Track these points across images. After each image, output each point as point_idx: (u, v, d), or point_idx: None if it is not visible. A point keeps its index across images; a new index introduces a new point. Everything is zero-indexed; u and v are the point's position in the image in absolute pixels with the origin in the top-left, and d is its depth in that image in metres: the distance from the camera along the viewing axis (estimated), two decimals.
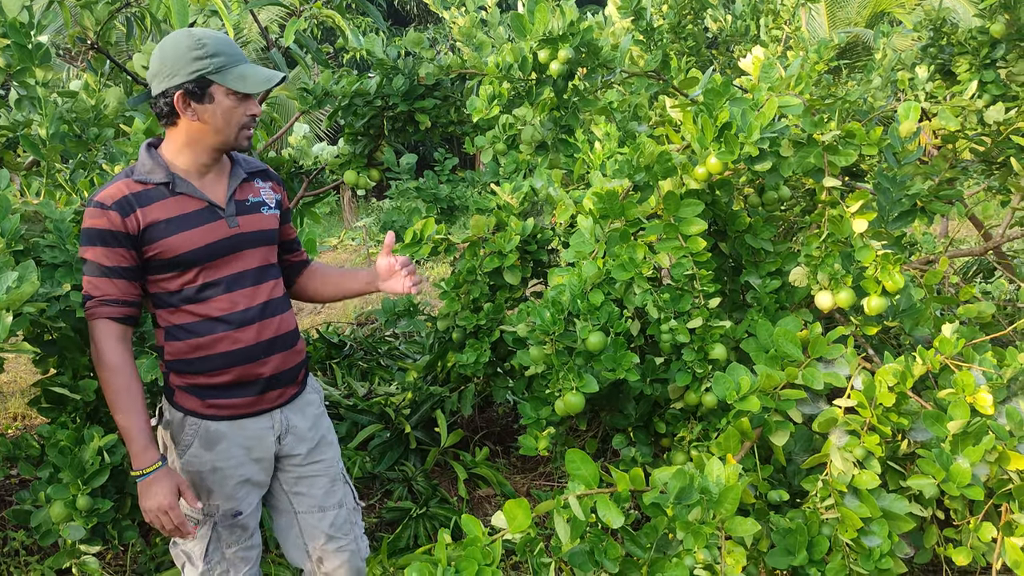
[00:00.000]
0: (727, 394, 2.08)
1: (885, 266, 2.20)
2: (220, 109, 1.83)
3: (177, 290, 1.87)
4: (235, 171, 1.97)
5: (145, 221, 1.81)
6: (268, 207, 2.01)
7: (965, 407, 1.90)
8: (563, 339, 2.28)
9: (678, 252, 2.34)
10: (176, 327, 1.89)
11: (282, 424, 2.03)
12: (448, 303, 2.80)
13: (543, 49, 2.16)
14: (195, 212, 1.87)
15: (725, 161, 2.06)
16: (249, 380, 1.93)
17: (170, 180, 1.85)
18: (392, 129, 3.44)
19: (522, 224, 2.77)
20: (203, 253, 1.86)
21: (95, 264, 1.81)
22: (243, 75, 1.84)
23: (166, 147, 1.91)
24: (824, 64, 2.70)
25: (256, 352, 1.93)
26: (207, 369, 1.90)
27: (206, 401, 1.92)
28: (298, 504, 2.12)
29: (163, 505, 1.79)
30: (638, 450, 2.63)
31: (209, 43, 1.82)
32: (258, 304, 1.94)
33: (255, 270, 1.95)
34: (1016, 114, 3.02)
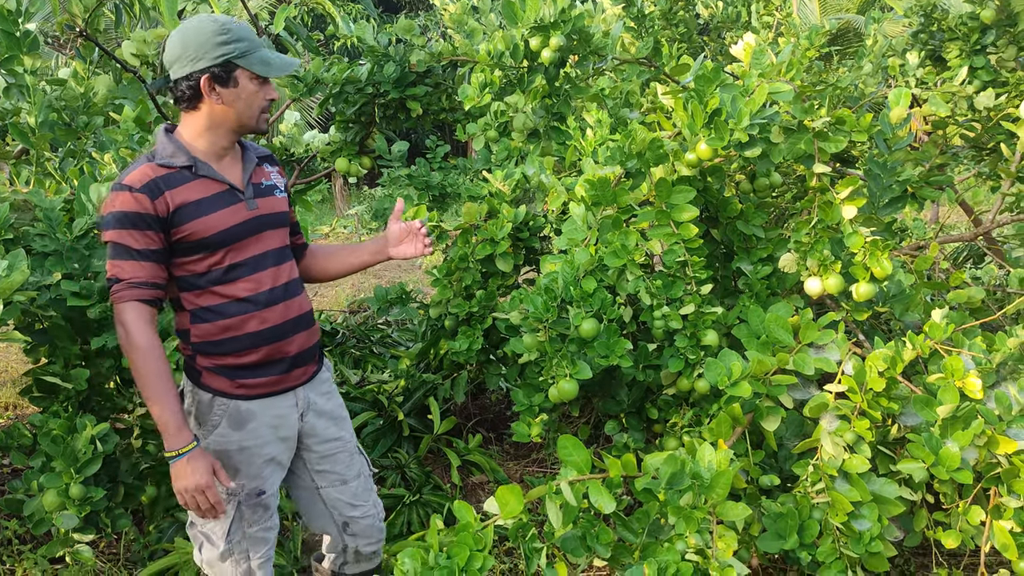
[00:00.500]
0: (718, 380, 2.09)
1: (874, 252, 2.21)
2: (244, 93, 1.86)
3: (204, 272, 1.90)
4: (247, 155, 2.00)
5: (174, 203, 1.83)
6: (279, 190, 2.05)
7: (954, 392, 1.91)
8: (556, 326, 2.29)
9: (670, 238, 2.35)
10: (203, 309, 1.92)
11: (304, 402, 2.08)
12: (440, 290, 2.80)
13: (535, 36, 2.16)
14: (218, 194, 1.90)
15: (715, 147, 2.06)
16: (277, 359, 1.98)
17: (192, 163, 1.88)
18: (383, 116, 3.43)
19: (514, 211, 2.77)
20: (229, 234, 1.89)
21: (123, 247, 1.81)
22: (266, 60, 1.88)
23: (184, 131, 1.92)
24: (815, 51, 2.70)
25: (283, 331, 1.98)
26: (236, 349, 1.93)
27: (235, 381, 1.95)
28: (321, 480, 2.18)
29: (200, 484, 1.81)
30: (630, 436, 2.64)
31: (233, 28, 1.86)
32: (281, 284, 1.99)
33: (276, 251, 2.00)
34: (1006, 100, 3.03)
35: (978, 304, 2.75)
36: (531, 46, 2.17)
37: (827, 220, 2.28)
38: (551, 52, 2.15)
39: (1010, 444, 1.91)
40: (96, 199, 2.21)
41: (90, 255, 2.21)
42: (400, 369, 3.24)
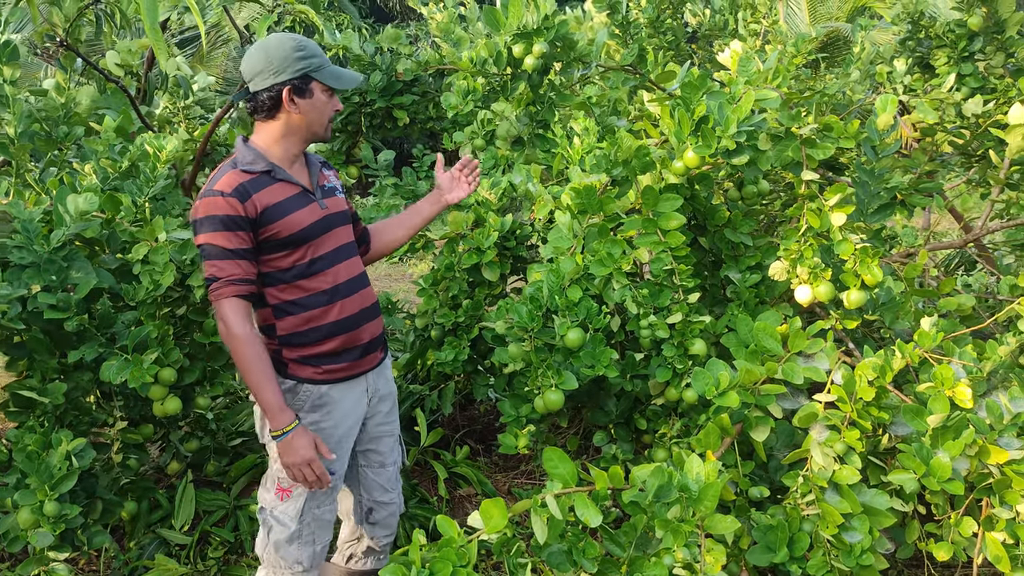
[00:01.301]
0: (706, 390, 2.06)
1: (864, 259, 2.19)
2: (318, 103, 2.06)
3: (289, 267, 2.04)
4: (311, 160, 2.17)
5: (261, 205, 1.98)
6: (339, 191, 2.22)
7: (945, 401, 1.89)
8: (541, 336, 2.26)
9: (657, 247, 2.32)
10: (288, 303, 2.06)
11: (373, 387, 2.24)
12: (426, 300, 2.77)
13: (517, 44, 2.14)
14: (295, 196, 2.05)
15: (702, 155, 2.04)
16: (354, 346, 2.13)
17: (271, 168, 2.03)
18: (370, 125, 3.40)
19: (501, 220, 2.74)
20: (309, 232, 2.04)
21: (218, 248, 1.95)
22: (337, 74, 2.07)
23: (259, 139, 2.08)
24: (802, 57, 2.68)
25: (357, 320, 2.13)
26: (318, 339, 2.08)
27: (320, 368, 2.09)
28: (363, 460, 2.33)
29: (307, 458, 1.96)
30: (619, 447, 2.61)
31: (308, 45, 2.05)
32: (355, 276, 2.15)
33: (347, 246, 2.16)
34: (995, 107, 3.01)
35: (969, 311, 2.73)
36: (514, 53, 2.16)
37: (816, 227, 2.25)
38: (534, 59, 2.13)
39: (1001, 454, 1.89)
40: (74, 210, 2.17)
41: (68, 267, 2.17)
42: None
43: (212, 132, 3.09)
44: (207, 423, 2.89)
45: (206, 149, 3.25)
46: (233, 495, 2.88)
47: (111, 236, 2.42)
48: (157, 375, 2.24)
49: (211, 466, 2.91)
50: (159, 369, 2.24)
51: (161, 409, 2.35)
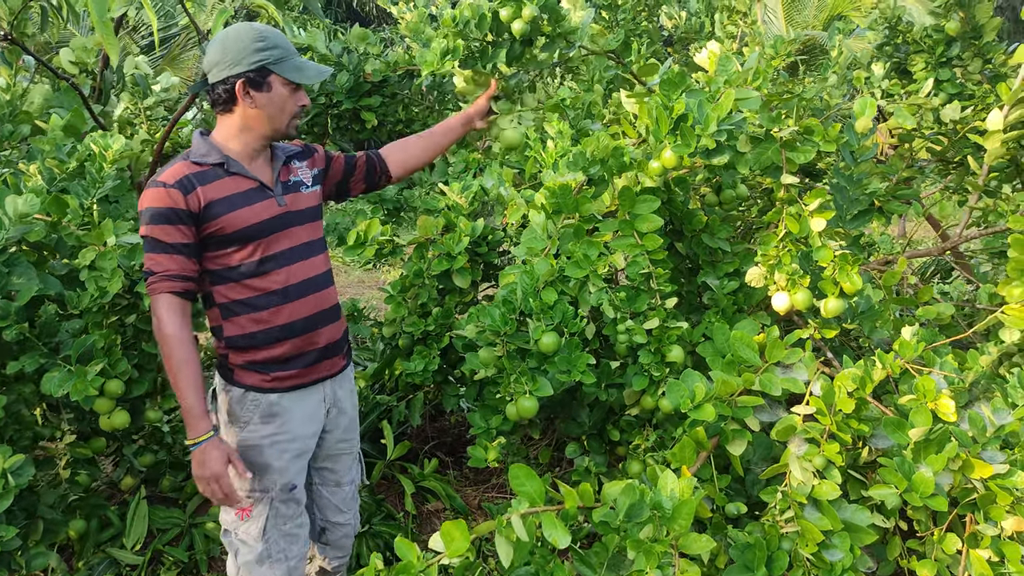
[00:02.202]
0: (681, 402, 1.97)
1: (843, 267, 2.12)
2: (276, 97, 1.94)
3: (236, 265, 1.95)
4: (276, 155, 2.07)
5: (205, 199, 1.89)
6: (306, 186, 2.11)
7: (927, 413, 1.81)
8: (514, 340, 2.17)
9: (634, 250, 2.24)
10: (236, 303, 1.96)
11: (331, 397, 2.13)
12: (394, 308, 2.67)
13: (506, 6, 2.05)
14: (249, 191, 1.96)
15: (681, 154, 1.96)
16: (307, 351, 2.03)
17: (224, 161, 1.94)
18: (336, 128, 3.30)
19: (472, 225, 2.65)
20: (259, 229, 1.95)
21: (157, 241, 1.88)
22: (299, 67, 1.96)
23: (218, 133, 1.99)
24: (781, 60, 2.62)
25: (312, 323, 2.03)
26: (267, 342, 1.98)
27: (268, 375, 1.99)
28: (318, 478, 2.24)
29: (215, 473, 1.86)
30: (592, 459, 2.52)
31: (269, 36, 1.94)
32: (311, 277, 2.04)
33: (304, 245, 2.05)
34: (972, 113, 2.97)
35: (947, 320, 2.67)
36: (501, 17, 2.07)
37: (795, 233, 2.18)
38: (523, 24, 2.05)
39: (986, 468, 1.82)
40: (13, 213, 2.05)
41: (9, 272, 2.05)
42: None
43: (170, 131, 2.97)
44: (163, 436, 2.76)
45: (163, 150, 3.13)
46: (189, 512, 2.75)
47: (59, 240, 2.29)
48: (103, 387, 2.12)
49: (166, 481, 2.78)
50: (105, 381, 2.12)
51: (108, 423, 2.23)
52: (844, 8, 11.01)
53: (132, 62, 3.43)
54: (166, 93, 3.81)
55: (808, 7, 11.49)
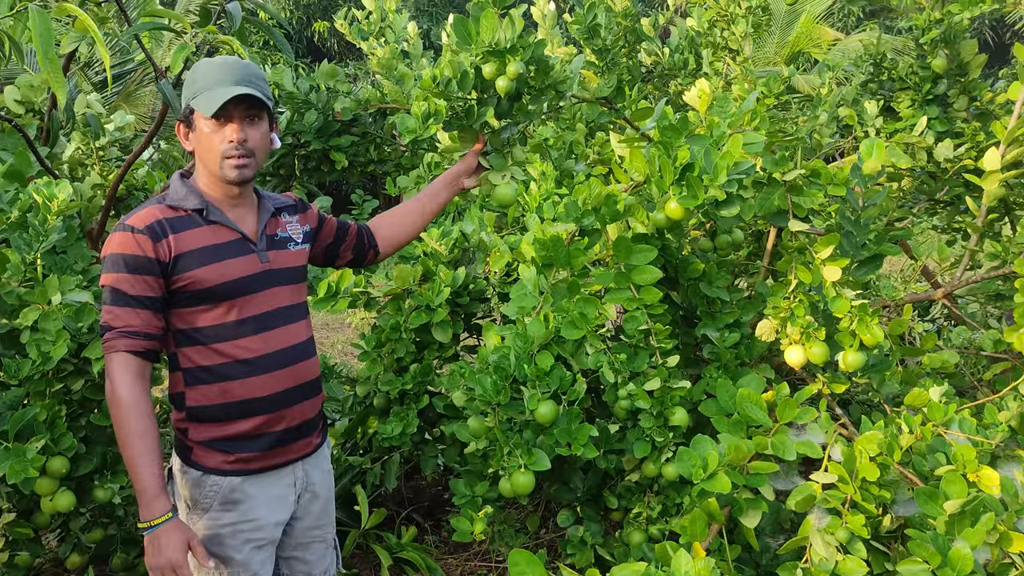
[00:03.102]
0: (692, 472, 1.80)
1: (863, 318, 1.98)
2: (201, 136, 1.73)
3: (206, 326, 1.73)
4: (263, 205, 1.87)
5: (177, 248, 1.69)
6: (295, 243, 1.91)
7: (963, 484, 1.67)
8: (508, 410, 1.98)
9: (631, 304, 2.08)
10: (202, 369, 1.74)
11: (303, 480, 1.90)
12: (368, 365, 2.47)
13: (489, 63, 1.88)
14: (229, 243, 1.76)
15: (688, 206, 1.80)
16: (277, 429, 1.80)
17: (204, 207, 1.75)
18: (304, 169, 3.11)
19: (452, 274, 2.47)
20: (235, 287, 1.74)
21: (118, 292, 1.67)
22: (209, 96, 1.69)
23: (195, 177, 1.81)
24: (773, 99, 2.51)
25: (287, 397, 1.81)
26: (233, 416, 1.76)
27: (232, 455, 1.77)
28: (287, 568, 1.99)
29: (173, 562, 1.62)
30: (587, 528, 2.33)
31: (200, 67, 1.74)
32: (290, 346, 1.82)
33: (286, 309, 1.83)
34: (964, 151, 2.89)
35: (952, 369, 2.56)
36: (484, 73, 1.90)
37: (807, 282, 2.04)
38: (508, 81, 1.87)
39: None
40: None
41: None
42: None
43: (124, 173, 2.76)
44: (113, 509, 2.50)
45: (117, 193, 2.91)
46: None
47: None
48: (45, 466, 1.89)
49: (117, 559, 2.52)
50: (47, 459, 1.88)
51: (50, 506, 1.99)
52: (804, 45, 11.18)
53: (83, 100, 3.22)
54: (120, 132, 3.60)
55: (769, 43, 11.65)
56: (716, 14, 2.99)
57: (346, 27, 3.39)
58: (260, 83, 1.75)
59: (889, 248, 2.70)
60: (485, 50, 1.83)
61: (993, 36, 15.12)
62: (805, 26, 10.68)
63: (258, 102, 1.73)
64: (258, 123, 1.76)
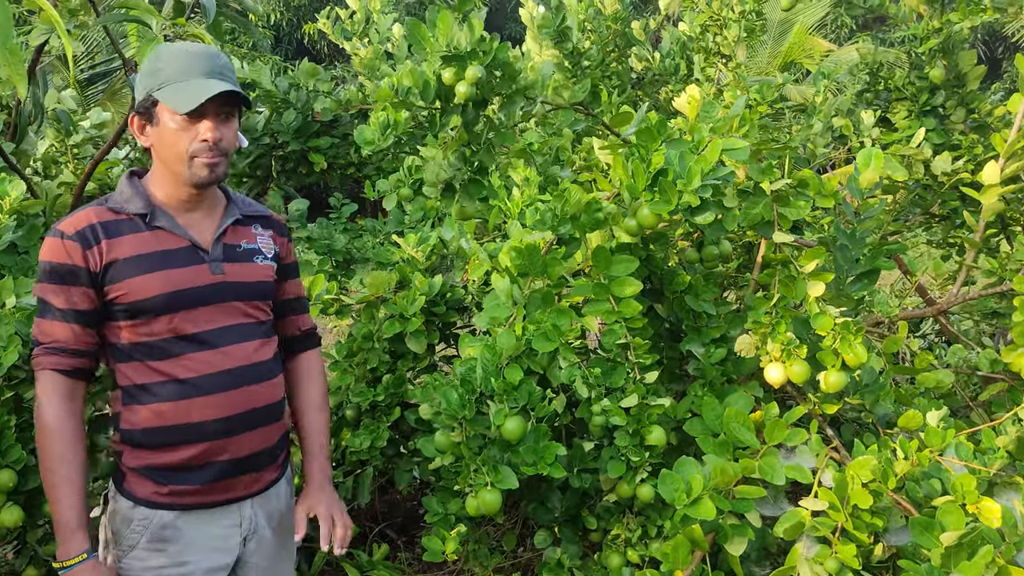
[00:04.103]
0: (675, 497, 1.71)
1: (846, 336, 1.89)
2: (164, 132, 1.55)
3: (143, 342, 1.57)
4: (229, 210, 1.70)
5: (109, 256, 1.54)
6: (264, 256, 1.73)
7: (960, 515, 1.57)
8: (474, 425, 1.88)
9: (610, 316, 1.98)
10: (138, 388, 1.58)
11: (251, 522, 1.68)
12: (339, 375, 2.36)
13: (447, 69, 1.78)
14: (174, 251, 1.59)
15: (659, 212, 1.71)
16: (219, 460, 1.61)
17: (148, 212, 1.59)
18: (282, 170, 3.01)
19: (428, 282, 2.37)
20: (176, 300, 1.57)
21: (46, 304, 1.54)
22: (180, 90, 1.53)
23: (148, 176, 1.65)
24: (767, 106, 2.42)
25: (233, 425, 1.61)
26: (168, 442, 1.58)
27: (165, 487, 1.59)
28: None
29: None
30: (564, 550, 2.22)
31: (164, 54, 1.57)
32: (242, 367, 1.63)
33: (240, 327, 1.65)
34: (962, 164, 2.81)
35: (947, 389, 2.47)
36: (444, 80, 1.79)
37: (791, 297, 1.95)
38: (467, 86, 1.77)
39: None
40: None
41: None
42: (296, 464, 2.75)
43: (91, 172, 2.65)
44: None
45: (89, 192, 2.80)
46: None
47: None
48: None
49: None
50: None
51: None
52: (797, 55, 11.14)
53: (54, 95, 3.11)
54: (96, 130, 3.50)
55: (762, 53, 11.61)
56: (709, 18, 2.92)
57: (329, 27, 3.30)
58: (233, 76, 1.61)
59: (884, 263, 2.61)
60: (443, 55, 1.74)
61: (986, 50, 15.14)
62: (798, 36, 10.65)
63: (234, 99, 1.58)
64: (231, 121, 1.61)
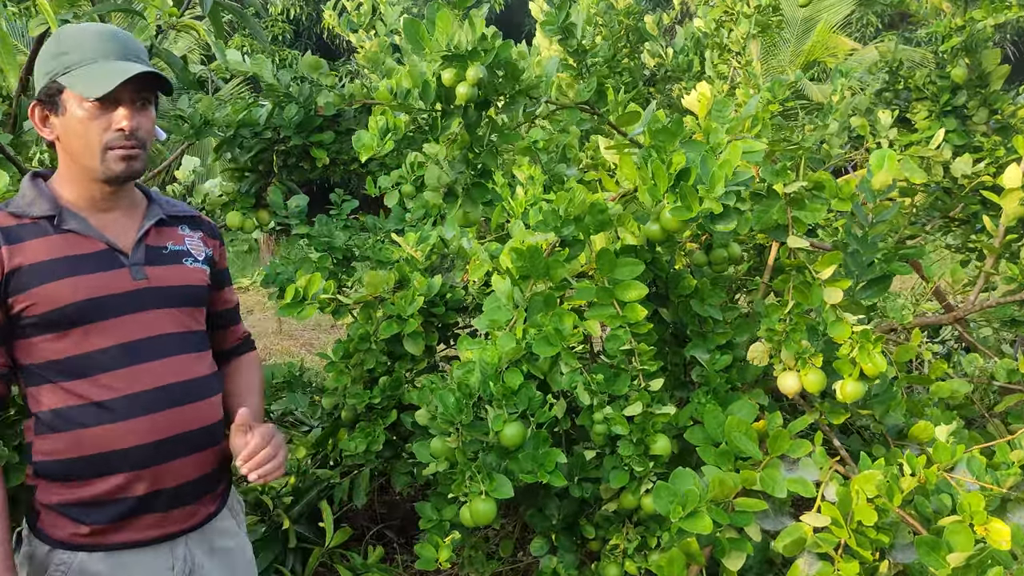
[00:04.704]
0: (671, 510, 1.64)
1: (864, 345, 1.82)
2: (72, 121, 1.41)
3: (56, 359, 1.41)
4: (151, 210, 1.56)
5: (12, 263, 1.39)
6: (194, 259, 1.59)
7: (969, 536, 1.50)
8: (471, 430, 1.83)
9: (613, 321, 1.92)
10: (52, 414, 1.42)
11: (186, 562, 1.52)
12: (335, 376, 2.31)
13: (447, 69, 1.72)
14: (87, 256, 1.44)
15: (682, 218, 1.64)
16: (145, 492, 1.45)
17: (56, 214, 1.44)
18: (284, 165, 2.96)
19: (427, 282, 2.32)
20: (90, 309, 1.41)
21: None
22: (89, 74, 1.38)
23: (55, 177, 1.50)
24: (778, 105, 2.34)
25: (163, 452, 1.45)
26: (87, 473, 1.42)
27: (84, 525, 1.43)
28: None
29: None
30: (560, 559, 2.17)
31: (68, 36, 1.42)
32: (170, 384, 1.47)
33: (169, 337, 1.49)
34: (984, 167, 2.72)
35: (962, 399, 2.39)
36: (444, 81, 1.73)
37: (806, 304, 1.88)
38: (468, 87, 1.71)
39: None
40: None
41: None
42: (290, 462, 2.71)
43: None
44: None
45: None
46: None
47: None
48: None
49: None
50: None
51: None
52: (820, 54, 10.98)
53: None
54: None
55: (783, 52, 11.46)
56: (723, 13, 2.84)
57: (335, 19, 3.25)
58: (147, 59, 1.48)
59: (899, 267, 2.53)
60: (443, 55, 1.67)
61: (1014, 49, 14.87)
62: (821, 35, 10.48)
63: (150, 84, 1.44)
64: (148, 109, 1.47)
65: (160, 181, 4.00)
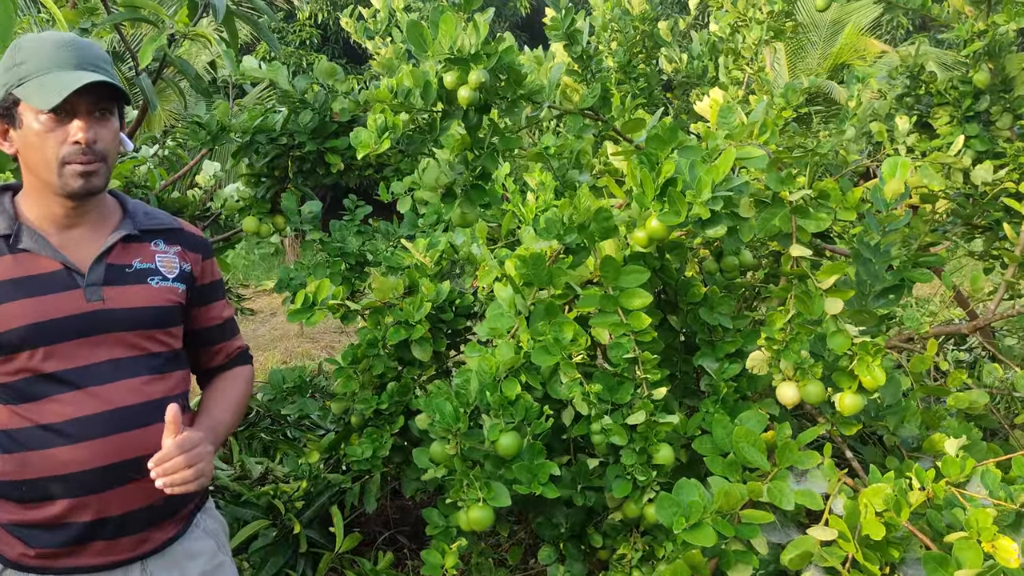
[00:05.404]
0: (674, 521, 1.62)
1: (863, 357, 1.78)
2: (30, 135, 1.36)
3: (7, 381, 1.39)
4: (122, 225, 1.50)
5: None
6: (161, 277, 1.52)
7: (978, 552, 1.46)
8: (468, 439, 1.82)
9: (618, 329, 1.91)
10: (4, 434, 1.40)
11: None
12: (344, 382, 2.32)
13: (450, 71, 1.72)
14: (39, 276, 1.40)
15: (669, 224, 1.63)
16: (89, 519, 1.41)
17: (12, 232, 1.40)
18: (299, 171, 2.98)
19: (436, 288, 2.32)
20: (40, 332, 1.37)
21: None
22: (43, 84, 1.33)
23: (21, 191, 1.47)
24: (792, 111, 2.31)
25: (105, 477, 1.41)
26: (34, 496, 1.40)
27: (32, 548, 1.41)
28: None
29: None
30: (568, 568, 2.15)
31: (24, 46, 1.37)
32: (118, 408, 1.42)
33: (122, 362, 1.45)
34: (1005, 174, 2.66)
35: (981, 409, 2.33)
36: (445, 83, 1.73)
37: (807, 313, 1.85)
38: (470, 90, 1.70)
39: None
40: None
41: None
42: (303, 465, 2.73)
43: None
44: None
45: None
46: None
47: None
48: None
49: None
50: None
51: None
52: (848, 57, 10.85)
53: None
54: None
55: (811, 55, 11.34)
56: (736, 18, 2.81)
57: (352, 25, 3.27)
58: (109, 68, 1.41)
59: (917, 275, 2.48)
60: (446, 57, 1.67)
61: None
62: (850, 37, 10.35)
63: (109, 93, 1.39)
64: (108, 120, 1.41)
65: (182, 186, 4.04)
